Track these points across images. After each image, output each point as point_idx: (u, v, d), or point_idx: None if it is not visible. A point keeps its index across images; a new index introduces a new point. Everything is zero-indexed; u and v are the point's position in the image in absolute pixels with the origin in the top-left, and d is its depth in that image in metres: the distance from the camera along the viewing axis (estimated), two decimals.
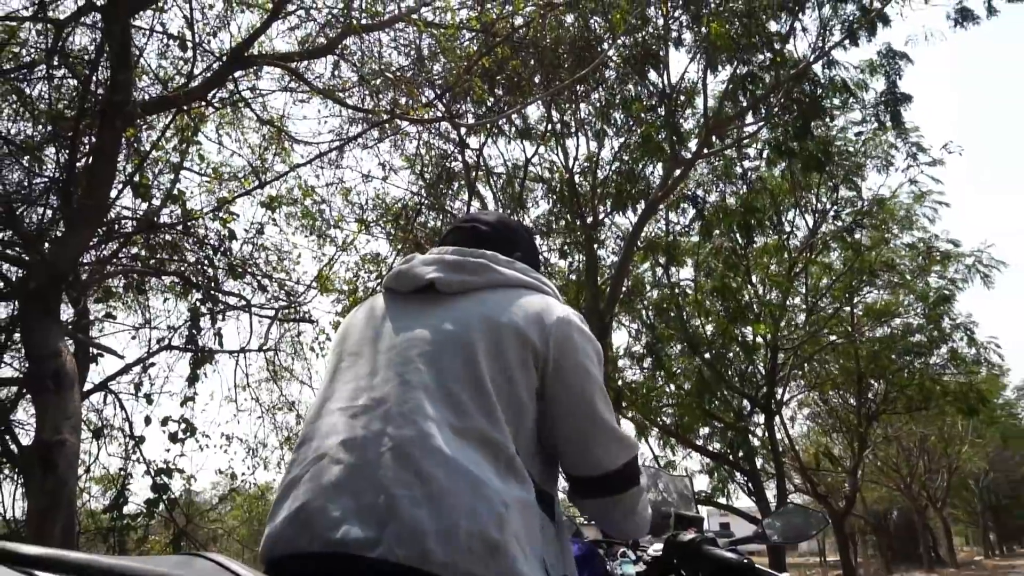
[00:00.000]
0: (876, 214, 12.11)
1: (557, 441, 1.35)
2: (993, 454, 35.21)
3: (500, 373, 1.28)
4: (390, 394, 1.27)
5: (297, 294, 7.74)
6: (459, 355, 1.29)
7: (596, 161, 9.64)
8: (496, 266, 1.43)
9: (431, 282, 1.41)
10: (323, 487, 1.20)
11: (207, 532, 7.26)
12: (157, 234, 6.77)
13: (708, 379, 10.09)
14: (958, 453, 30.28)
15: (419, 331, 1.34)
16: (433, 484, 1.15)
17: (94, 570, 0.86)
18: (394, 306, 1.45)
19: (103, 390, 6.59)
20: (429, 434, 1.20)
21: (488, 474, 1.18)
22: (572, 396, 1.33)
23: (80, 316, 6.13)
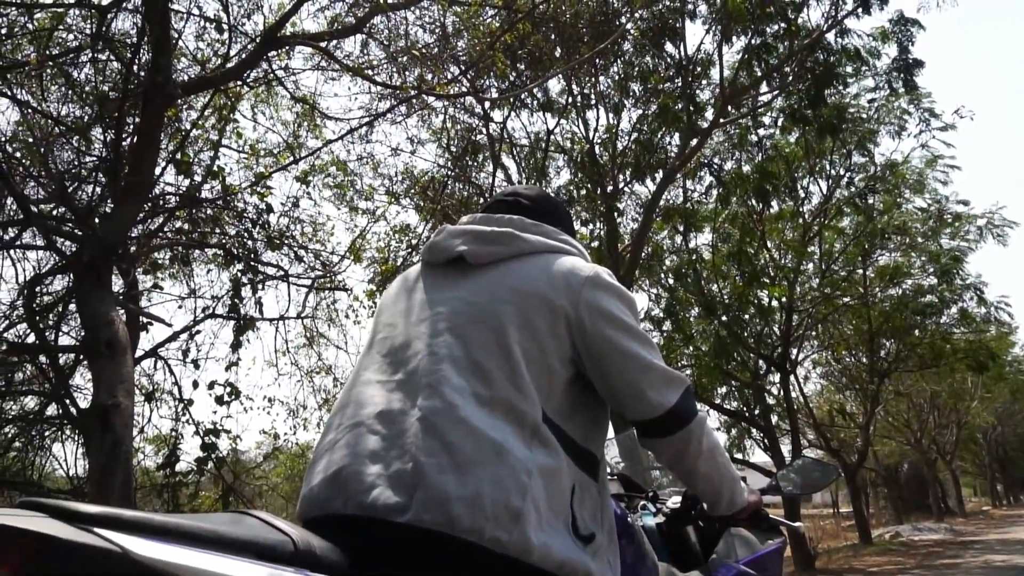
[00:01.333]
0: (888, 179, 12.26)
1: (613, 394, 1.39)
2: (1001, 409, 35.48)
3: (529, 341, 1.31)
4: (420, 366, 1.32)
5: (332, 264, 8.09)
6: (487, 326, 1.32)
7: (615, 132, 9.87)
8: (522, 233, 1.46)
9: (460, 254, 1.44)
10: (357, 454, 1.26)
11: (253, 488, 7.70)
12: (199, 208, 7.09)
13: (725, 340, 10.39)
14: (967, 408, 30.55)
15: (449, 303, 1.39)
16: (459, 453, 1.19)
17: (149, 527, 0.93)
18: (427, 278, 1.49)
19: (153, 356, 6.97)
20: (455, 404, 1.24)
21: (513, 442, 1.22)
22: (615, 352, 1.35)
23: (130, 287, 6.47)
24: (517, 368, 1.29)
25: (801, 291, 13.21)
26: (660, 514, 1.89)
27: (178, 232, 7.33)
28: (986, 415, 34.43)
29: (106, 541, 0.86)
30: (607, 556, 1.31)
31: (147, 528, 0.93)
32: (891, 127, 11.32)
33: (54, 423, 6.38)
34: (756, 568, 1.89)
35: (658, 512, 1.90)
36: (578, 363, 1.38)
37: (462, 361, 1.30)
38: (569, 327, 1.36)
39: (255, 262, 7.30)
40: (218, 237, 7.32)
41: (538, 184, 9.95)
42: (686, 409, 1.40)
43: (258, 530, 1.06)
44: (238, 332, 6.97)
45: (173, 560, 0.90)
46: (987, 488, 51.62)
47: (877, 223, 12.65)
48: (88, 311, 4.87)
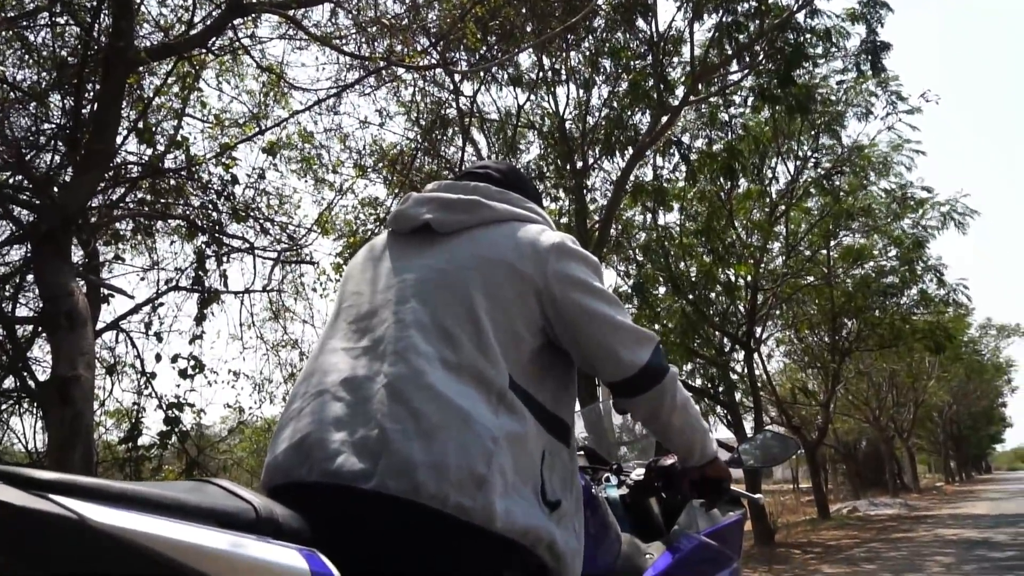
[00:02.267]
0: (855, 161, 12.42)
1: (587, 358, 1.41)
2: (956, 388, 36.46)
3: (496, 308, 1.31)
4: (386, 333, 1.31)
5: (298, 236, 7.99)
6: (453, 293, 1.33)
7: (586, 108, 9.85)
8: (488, 201, 1.46)
9: (426, 223, 1.45)
10: (322, 421, 1.25)
11: (218, 462, 7.65)
12: (162, 179, 6.95)
13: (692, 318, 10.49)
14: (924, 387, 31.33)
15: (415, 271, 1.39)
16: (424, 420, 1.18)
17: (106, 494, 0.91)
18: (394, 247, 1.49)
19: (115, 329, 6.85)
20: (422, 371, 1.23)
21: (480, 409, 1.21)
22: (585, 316, 1.37)
23: (90, 258, 6.35)
24: (484, 335, 1.29)
25: (767, 270, 13.37)
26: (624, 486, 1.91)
27: (140, 203, 7.19)
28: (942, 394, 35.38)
29: (62, 508, 0.84)
30: (572, 523, 1.31)
31: (104, 495, 0.91)
32: (858, 109, 11.44)
33: (11, 396, 6.25)
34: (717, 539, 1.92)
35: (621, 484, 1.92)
36: (548, 331, 1.39)
37: (429, 327, 1.29)
38: (538, 295, 1.36)
39: (220, 234, 7.19)
40: (182, 208, 7.19)
41: (507, 159, 9.91)
42: (658, 365, 1.43)
43: (219, 498, 1.04)
44: (202, 305, 6.88)
45: (131, 527, 0.87)
46: (941, 465, 53.11)
47: (843, 204, 12.81)
48: (47, 282, 4.77)
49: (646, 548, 1.71)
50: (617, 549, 1.64)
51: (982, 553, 10.04)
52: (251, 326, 8.14)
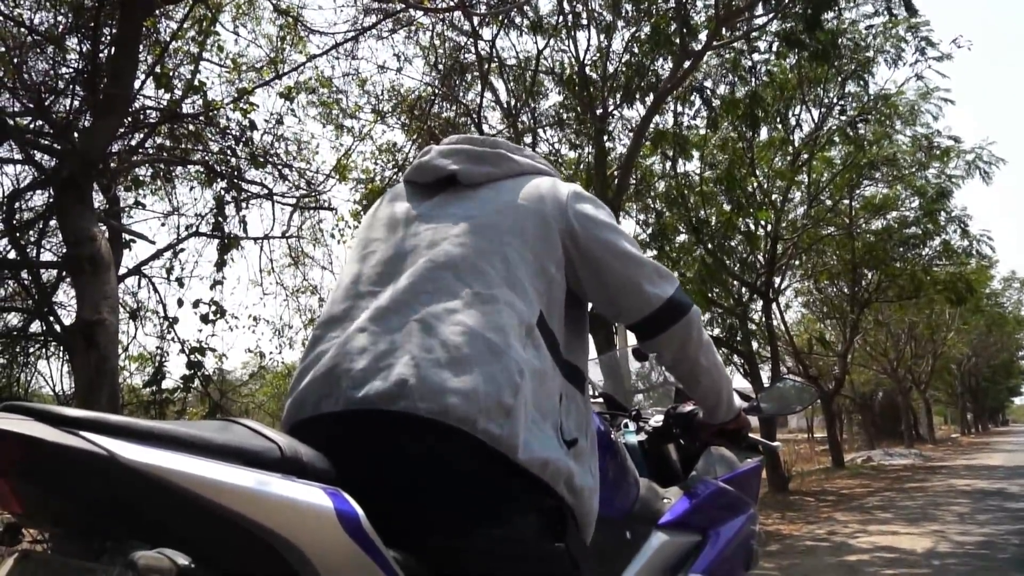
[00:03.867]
0: (881, 109, 12.16)
1: (610, 295, 1.45)
2: (976, 340, 36.22)
3: (525, 248, 1.36)
4: (417, 274, 1.33)
5: (317, 183, 8.01)
6: (485, 238, 1.36)
7: (606, 54, 9.66)
8: (511, 154, 1.53)
9: (452, 174, 1.48)
10: (348, 353, 1.26)
11: (240, 406, 7.79)
12: (180, 124, 6.96)
13: (711, 266, 10.43)
14: (944, 339, 31.13)
15: (446, 221, 1.41)
16: (455, 350, 1.21)
17: (134, 431, 0.93)
18: (417, 197, 1.50)
19: (137, 274, 6.93)
20: (453, 307, 1.26)
21: (509, 341, 1.24)
22: (608, 251, 1.42)
23: (111, 204, 6.39)
24: (515, 274, 1.32)
25: (787, 220, 13.24)
26: (642, 432, 1.93)
27: (159, 148, 7.21)
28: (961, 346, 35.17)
29: (92, 444, 0.86)
30: (589, 463, 1.33)
31: (132, 432, 0.92)
32: (887, 55, 11.14)
33: (38, 340, 6.36)
34: (734, 485, 1.94)
35: (640, 430, 1.94)
36: (570, 276, 1.42)
37: (461, 268, 1.32)
38: (563, 237, 1.40)
39: (238, 180, 7.21)
40: (200, 154, 7.20)
41: (527, 105, 9.80)
42: (682, 300, 1.46)
43: (245, 437, 1.05)
44: (222, 251, 6.94)
45: (159, 464, 0.89)
46: (958, 417, 53.13)
47: (867, 153, 12.59)
48: (69, 226, 4.81)
49: (664, 493, 1.73)
50: (635, 493, 1.67)
51: (996, 503, 10.10)
52: (271, 272, 8.21)
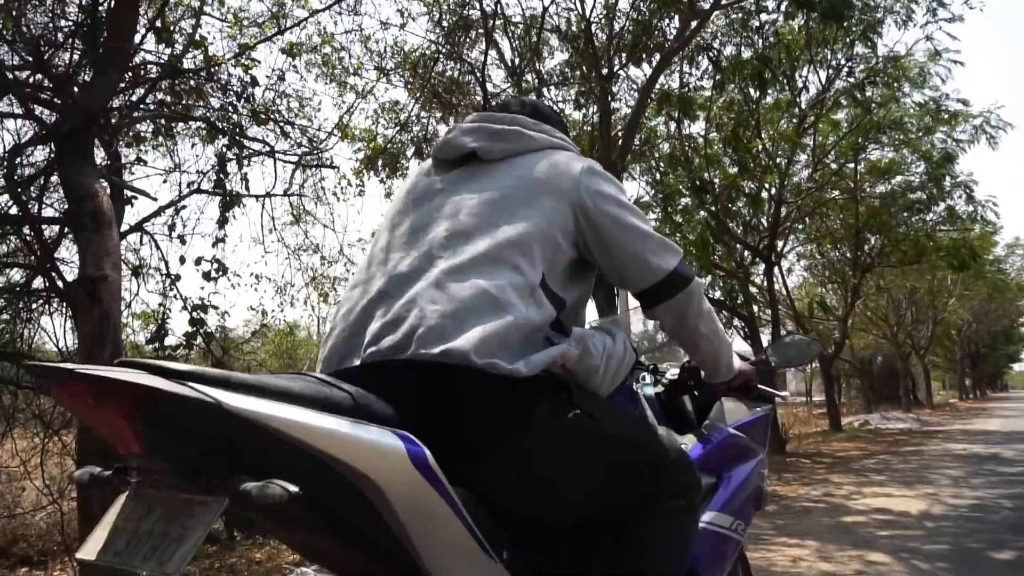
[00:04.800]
0: (889, 71, 11.99)
1: (617, 266, 1.57)
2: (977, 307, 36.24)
3: (536, 218, 1.48)
4: (436, 242, 1.47)
5: (319, 140, 7.95)
6: (498, 208, 1.49)
7: (613, 11, 9.52)
8: (527, 131, 1.63)
9: (473, 150, 1.61)
10: (369, 315, 1.42)
11: (242, 363, 7.84)
12: (181, 80, 6.88)
13: (714, 229, 10.40)
14: (944, 305, 31.15)
15: (465, 193, 1.54)
16: (460, 303, 1.34)
17: (231, 382, 1.08)
18: (441, 172, 1.65)
19: (139, 231, 6.90)
20: (463, 267, 1.40)
21: (512, 298, 1.37)
22: (616, 225, 1.53)
23: (113, 160, 6.34)
24: (524, 241, 1.45)
25: (791, 183, 13.16)
26: (659, 385, 2.08)
27: (160, 104, 7.13)
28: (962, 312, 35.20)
29: (201, 393, 1.00)
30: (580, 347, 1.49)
31: (231, 383, 1.07)
32: (897, 16, 10.95)
33: (41, 296, 6.36)
34: (744, 432, 2.09)
35: (657, 383, 2.08)
36: (579, 245, 1.55)
37: (473, 234, 1.46)
38: (574, 208, 1.52)
39: (240, 137, 7.15)
40: (202, 110, 7.13)
41: (531, 64, 9.69)
42: (685, 272, 1.59)
43: (320, 386, 1.21)
44: (224, 208, 6.91)
45: (257, 410, 1.04)
46: (956, 382, 53.42)
47: (874, 117, 12.47)
48: (71, 182, 4.79)
49: (681, 440, 1.83)
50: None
51: (991, 468, 10.20)
52: (272, 230, 8.22)
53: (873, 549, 5.20)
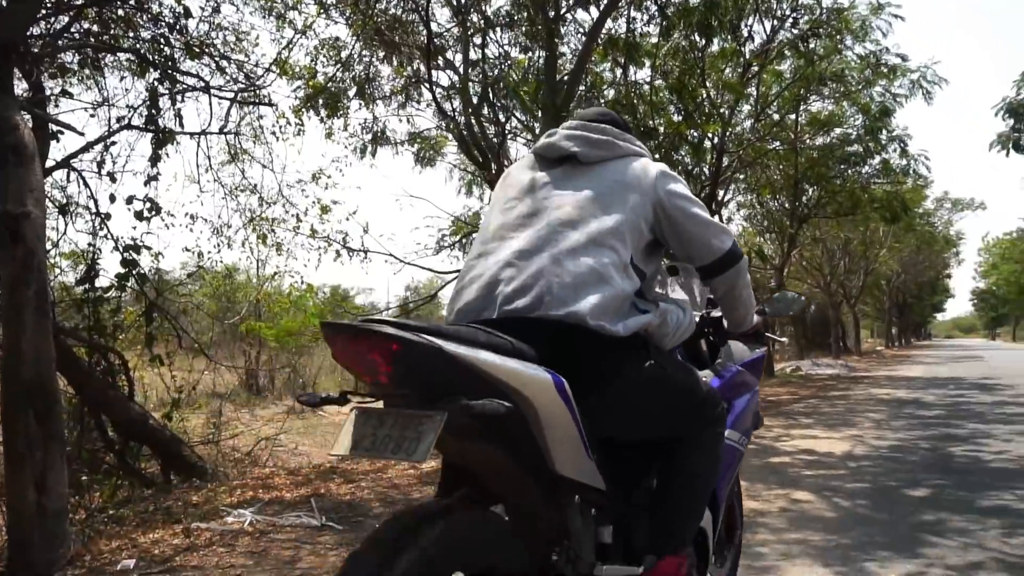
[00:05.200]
0: (833, 23, 12.08)
1: (686, 247, 2.01)
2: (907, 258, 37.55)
3: (627, 211, 1.93)
4: (550, 226, 1.91)
5: (256, 77, 7.68)
6: (598, 204, 1.93)
7: None
8: (617, 141, 2.07)
9: (574, 154, 2.04)
10: (500, 279, 1.85)
11: (178, 306, 7.68)
12: (109, 8, 6.54)
13: None
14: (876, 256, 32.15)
15: (569, 189, 1.99)
16: (575, 277, 1.80)
17: (443, 333, 1.50)
18: (545, 168, 2.08)
19: (66, 167, 6.60)
20: (575, 248, 1.85)
21: (611, 272, 1.83)
22: (685, 215, 1.98)
23: (35, 91, 6.01)
24: (617, 228, 1.90)
25: (734, 133, 13.28)
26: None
27: (86, 34, 6.77)
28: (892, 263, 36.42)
29: (430, 341, 1.43)
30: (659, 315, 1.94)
31: (442, 335, 1.48)
32: None
33: None
34: (747, 368, 2.68)
35: None
36: (656, 231, 1.99)
37: (579, 224, 1.90)
38: (654, 205, 1.97)
39: (173, 71, 6.86)
40: (131, 41, 6.80)
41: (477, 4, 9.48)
42: (737, 251, 2.05)
43: (489, 336, 1.62)
44: (157, 145, 6.66)
45: (465, 353, 1.47)
46: (884, 330, 55.47)
47: (816, 68, 12.59)
48: None
49: (701, 375, 2.25)
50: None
51: (911, 411, 10.68)
52: (208, 169, 8.01)
53: (798, 488, 5.42)
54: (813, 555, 3.76)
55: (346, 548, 4.02)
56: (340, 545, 4.09)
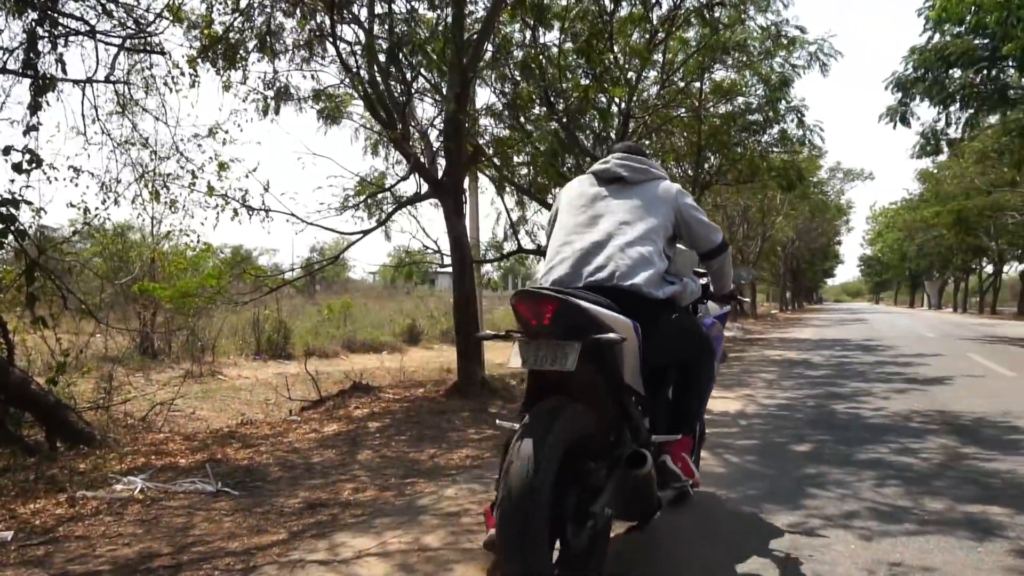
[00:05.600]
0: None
1: (695, 240, 3.23)
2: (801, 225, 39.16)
3: (659, 216, 3.05)
4: (611, 227, 2.99)
5: (147, 22, 7.25)
6: (642, 210, 3.04)
7: None
8: (651, 168, 3.21)
9: (623, 176, 3.16)
10: (583, 260, 2.94)
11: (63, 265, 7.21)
12: None
13: (563, 141, 10.49)
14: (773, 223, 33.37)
15: (621, 200, 3.09)
16: (633, 261, 2.89)
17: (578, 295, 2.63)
18: (602, 185, 3.19)
19: None
20: (631, 241, 2.94)
21: (654, 259, 2.94)
22: (695, 220, 3.18)
23: None
24: (654, 228, 3.01)
25: (640, 99, 13.42)
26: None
27: None
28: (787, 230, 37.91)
29: (574, 302, 2.52)
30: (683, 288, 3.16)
31: (577, 297, 2.57)
32: None
33: None
34: (719, 320, 3.80)
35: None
36: (676, 229, 3.15)
37: (630, 225, 2.99)
38: (675, 212, 3.12)
39: (54, 12, 6.42)
40: None
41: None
42: (725, 243, 3.31)
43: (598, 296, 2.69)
44: (36, 92, 6.22)
45: (594, 309, 2.55)
46: (778, 294, 57.88)
47: (720, 37, 12.83)
48: None
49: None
50: None
51: (800, 372, 11.22)
52: (95, 120, 7.49)
53: None
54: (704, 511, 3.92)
55: (242, 514, 3.94)
56: (236, 511, 4.01)
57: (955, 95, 15.25)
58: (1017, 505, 3.88)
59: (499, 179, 11.19)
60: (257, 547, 3.40)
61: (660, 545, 3.37)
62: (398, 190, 10.23)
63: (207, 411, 8.71)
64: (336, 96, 10.28)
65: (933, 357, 13.22)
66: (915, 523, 3.61)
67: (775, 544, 3.31)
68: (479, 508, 3.96)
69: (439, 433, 6.25)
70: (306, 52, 9.28)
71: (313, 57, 9.41)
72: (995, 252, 43.00)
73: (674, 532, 3.53)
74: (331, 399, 8.07)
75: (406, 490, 4.46)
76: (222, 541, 3.50)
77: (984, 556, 3.14)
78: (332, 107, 10.31)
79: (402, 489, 4.48)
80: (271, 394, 9.71)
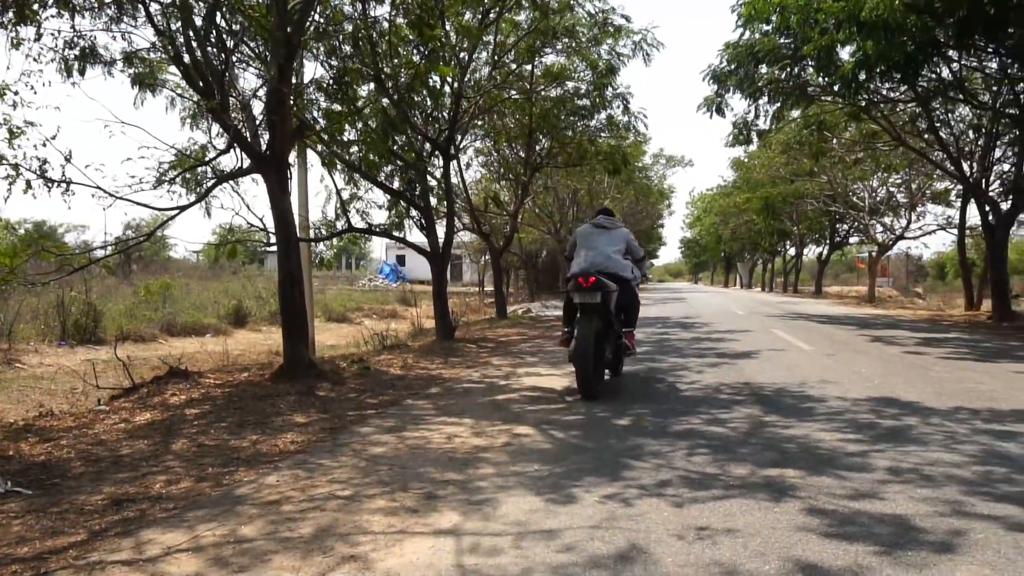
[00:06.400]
0: None
1: (634, 254, 7.55)
2: (627, 208, 40.90)
3: (621, 243, 7.39)
4: (600, 248, 7.24)
5: None
6: (615, 241, 7.36)
7: None
8: (617, 224, 7.62)
9: (605, 225, 7.50)
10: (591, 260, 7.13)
11: None
12: None
13: (394, 119, 10.32)
14: (600, 205, 34.39)
15: (605, 237, 7.38)
16: (614, 261, 7.19)
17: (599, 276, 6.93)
18: (595, 229, 7.50)
19: None
20: (612, 255, 7.21)
21: (624, 261, 7.32)
22: (634, 247, 7.61)
23: None
24: (620, 248, 7.39)
25: (472, 80, 13.45)
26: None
27: None
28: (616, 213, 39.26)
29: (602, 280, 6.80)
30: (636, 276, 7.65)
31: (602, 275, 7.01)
32: None
33: None
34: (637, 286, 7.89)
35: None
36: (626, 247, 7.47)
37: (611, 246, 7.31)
38: (626, 242, 7.49)
39: None
40: None
41: None
42: (644, 253, 8.12)
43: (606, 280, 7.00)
44: None
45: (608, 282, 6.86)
46: None
47: (550, 21, 13.07)
48: None
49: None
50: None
51: None
52: None
53: (520, 423, 5.73)
54: (527, 485, 4.00)
55: (35, 516, 3.60)
56: (27, 512, 3.65)
57: (763, 89, 16.36)
58: (809, 467, 4.25)
59: (328, 155, 10.85)
60: (51, 550, 3.11)
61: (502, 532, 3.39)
62: (219, 164, 9.65)
63: (2, 402, 7.89)
64: (149, 61, 9.53)
65: (742, 333, 14.23)
66: (721, 488, 3.85)
67: (593, 516, 3.43)
68: (302, 496, 3.84)
69: (262, 418, 6.01)
70: (114, 10, 8.54)
71: (124, 16, 8.67)
72: (796, 236, 46.98)
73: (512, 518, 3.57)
74: (145, 386, 7.54)
75: (224, 480, 4.25)
76: (9, 547, 3.17)
77: (780, 516, 3.40)
78: (146, 72, 9.56)
79: (220, 479, 4.26)
80: (78, 383, 8.97)
